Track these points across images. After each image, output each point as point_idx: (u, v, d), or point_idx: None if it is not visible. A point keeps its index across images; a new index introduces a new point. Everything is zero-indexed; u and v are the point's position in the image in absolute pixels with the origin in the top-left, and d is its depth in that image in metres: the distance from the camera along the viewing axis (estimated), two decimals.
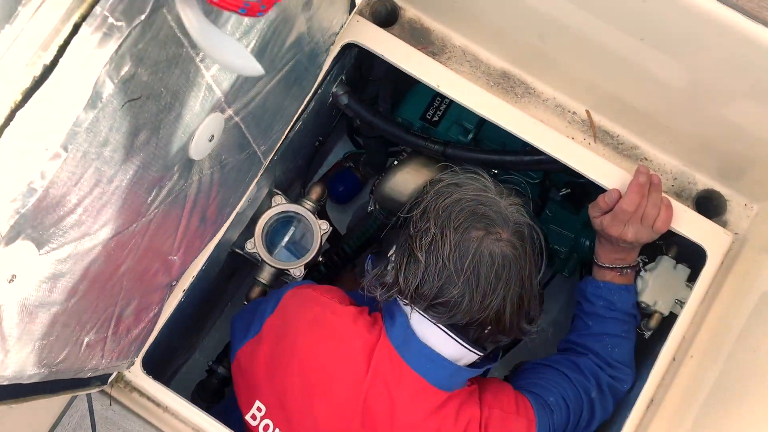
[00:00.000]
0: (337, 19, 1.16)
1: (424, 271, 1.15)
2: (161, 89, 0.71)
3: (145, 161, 0.76)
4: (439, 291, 1.14)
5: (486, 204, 1.19)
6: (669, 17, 1.08)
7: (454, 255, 1.14)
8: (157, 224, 0.88)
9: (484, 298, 1.14)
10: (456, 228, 1.16)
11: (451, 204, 1.19)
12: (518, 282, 1.16)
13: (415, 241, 1.18)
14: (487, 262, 1.14)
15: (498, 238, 1.16)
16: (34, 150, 0.59)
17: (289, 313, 1.23)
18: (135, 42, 0.62)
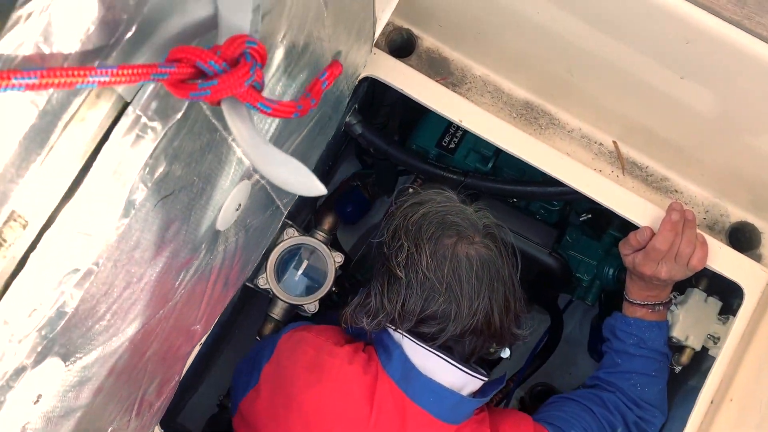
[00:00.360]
0: (360, 61, 1.10)
1: (406, 287, 1.15)
2: (194, 178, 0.65)
3: (174, 250, 0.69)
4: (424, 303, 1.14)
5: (453, 213, 1.20)
6: (700, 48, 1.02)
7: (432, 264, 1.14)
8: (183, 303, 0.82)
9: (471, 302, 1.13)
10: (428, 239, 1.17)
11: (419, 218, 1.20)
12: (500, 281, 1.17)
13: (391, 261, 1.18)
14: (466, 264, 1.14)
15: (471, 241, 1.17)
16: (62, 272, 0.53)
17: (285, 360, 1.20)
18: (170, 141, 0.56)
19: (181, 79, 0.44)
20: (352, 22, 0.92)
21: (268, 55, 0.66)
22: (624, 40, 1.09)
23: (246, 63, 0.45)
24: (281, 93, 0.76)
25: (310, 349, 1.19)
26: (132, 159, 0.54)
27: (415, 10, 1.30)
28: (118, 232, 0.56)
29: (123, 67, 0.40)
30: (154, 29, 0.48)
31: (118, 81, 0.40)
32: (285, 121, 0.82)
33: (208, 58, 0.44)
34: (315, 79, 0.56)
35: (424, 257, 1.15)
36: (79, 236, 0.53)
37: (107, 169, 0.52)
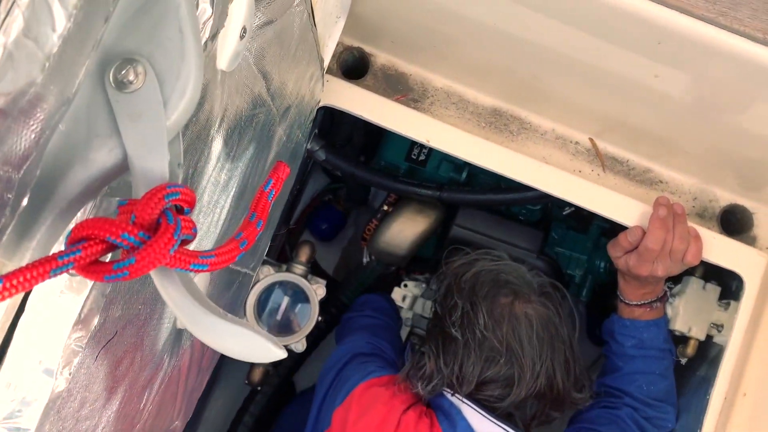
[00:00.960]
0: (312, 102, 1.01)
1: (463, 347, 1.10)
2: (139, 307, 0.57)
3: (131, 381, 0.62)
4: (484, 365, 1.09)
5: (506, 271, 1.17)
6: (673, 48, 0.95)
7: (490, 323, 1.09)
8: (154, 415, 0.74)
9: (533, 364, 1.09)
10: (484, 297, 1.12)
11: (472, 277, 1.16)
12: (560, 341, 1.13)
13: (445, 320, 1.14)
14: (525, 324, 1.10)
15: (527, 300, 1.13)
16: None
17: (355, 413, 1.14)
18: (102, 289, 0.48)
19: (91, 261, 0.36)
20: (297, 73, 0.84)
21: (205, 151, 0.58)
22: (590, 39, 1.01)
23: (168, 226, 0.37)
24: (227, 179, 0.68)
25: (382, 409, 1.12)
26: (58, 324, 0.46)
27: (363, 28, 1.21)
28: (55, 406, 0.48)
29: (10, 277, 0.32)
30: (54, 190, 0.40)
31: (8, 295, 0.32)
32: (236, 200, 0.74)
33: (120, 230, 0.36)
34: (259, 190, 0.48)
35: (480, 316, 1.10)
36: (7, 429, 0.45)
37: (29, 344, 0.44)
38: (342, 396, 1.16)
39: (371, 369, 1.20)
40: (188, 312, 0.40)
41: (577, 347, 1.16)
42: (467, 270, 1.18)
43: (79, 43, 0.36)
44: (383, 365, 1.23)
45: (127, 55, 0.40)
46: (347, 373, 1.21)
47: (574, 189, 1.21)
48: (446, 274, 1.21)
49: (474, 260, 1.21)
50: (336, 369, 1.24)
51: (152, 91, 0.40)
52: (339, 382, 1.21)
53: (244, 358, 0.42)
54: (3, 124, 0.33)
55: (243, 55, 0.61)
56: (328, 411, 1.17)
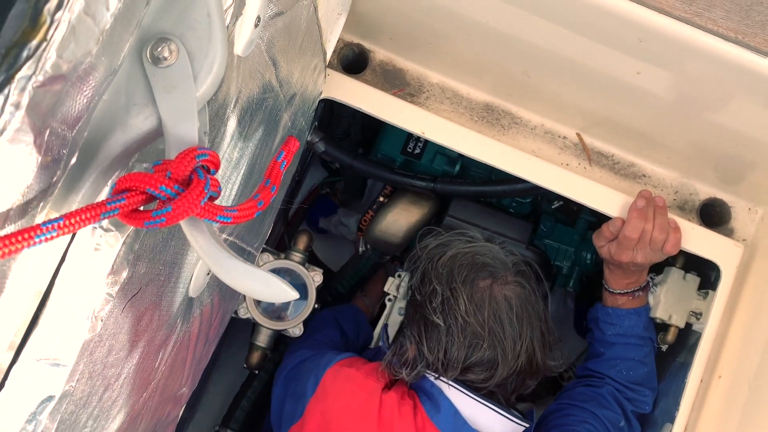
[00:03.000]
0: (315, 92, 1.07)
1: (446, 334, 1.11)
2: (160, 267, 0.63)
3: (149, 338, 0.68)
4: (468, 351, 1.11)
5: (481, 253, 1.19)
6: (653, 46, 1.01)
7: (471, 308, 1.11)
8: (166, 377, 0.80)
9: (515, 345, 1.12)
10: (463, 282, 1.14)
11: (448, 261, 1.17)
12: (536, 317, 1.16)
13: (426, 307, 1.14)
14: (505, 306, 1.12)
15: (505, 281, 1.15)
16: (36, 402, 0.51)
17: (332, 399, 1.14)
18: (130, 246, 0.54)
19: (132, 209, 0.42)
20: (303, 63, 0.90)
21: (221, 129, 0.64)
22: (576, 37, 1.08)
23: (199, 181, 0.43)
24: (239, 157, 0.74)
25: (360, 392, 1.13)
26: (93, 275, 0.52)
27: (363, 25, 1.28)
28: (89, 348, 0.54)
29: (70, 216, 0.38)
30: (98, 151, 0.46)
31: (67, 231, 0.38)
32: (246, 179, 0.80)
33: (159, 183, 0.42)
34: (273, 160, 0.54)
35: (461, 301, 1.11)
36: (48, 364, 0.51)
37: (69, 291, 0.50)
38: (311, 388, 1.16)
39: (330, 356, 1.20)
40: (215, 257, 0.46)
41: (549, 318, 1.21)
42: (443, 253, 1.18)
43: (125, 21, 0.42)
44: (337, 351, 1.24)
45: (162, 35, 0.46)
46: (304, 371, 1.21)
47: (561, 181, 1.28)
48: (421, 258, 1.21)
49: (448, 241, 1.22)
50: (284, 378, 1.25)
51: (184, 66, 0.46)
52: (297, 382, 1.21)
53: (262, 297, 0.48)
54: (63, 88, 0.39)
55: (256, 42, 0.67)
56: (295, 404, 1.17)
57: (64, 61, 0.38)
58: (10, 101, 0.36)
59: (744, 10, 0.87)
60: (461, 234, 1.24)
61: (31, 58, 0.36)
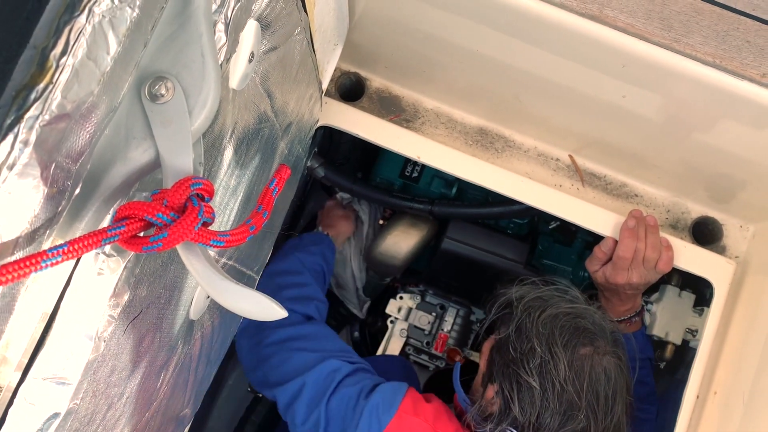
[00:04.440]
0: (312, 121, 1.11)
1: (541, 398, 1.06)
2: (160, 291, 0.66)
3: (151, 359, 0.71)
4: (562, 419, 1.06)
5: (583, 316, 1.13)
6: (636, 70, 1.05)
7: (570, 376, 1.06)
8: (168, 397, 0.83)
9: (605, 417, 1.08)
10: (564, 346, 1.09)
11: (549, 320, 1.12)
12: (625, 390, 1.12)
13: (522, 366, 1.09)
14: (603, 380, 1.08)
15: (604, 351, 1.11)
16: (42, 419, 0.54)
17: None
18: (131, 270, 0.57)
19: (131, 235, 0.45)
20: (298, 93, 0.94)
21: (218, 158, 0.67)
22: (564, 62, 1.11)
23: (193, 208, 0.46)
24: (236, 185, 0.77)
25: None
26: (96, 297, 0.55)
27: (359, 54, 1.32)
28: (93, 367, 0.57)
29: (73, 242, 0.41)
30: (100, 182, 0.49)
31: (71, 257, 0.41)
32: (244, 205, 0.84)
33: (156, 211, 0.45)
34: (265, 188, 0.58)
35: (562, 367, 1.06)
36: (54, 383, 0.54)
37: (73, 313, 0.53)
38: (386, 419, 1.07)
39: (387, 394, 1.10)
40: (208, 278, 0.49)
41: (632, 385, 1.16)
42: (543, 309, 1.13)
43: (125, 63, 0.46)
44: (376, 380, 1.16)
45: (159, 74, 0.50)
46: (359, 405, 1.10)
47: (555, 202, 1.31)
48: (517, 309, 1.15)
49: (549, 297, 1.16)
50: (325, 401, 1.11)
51: (179, 102, 0.50)
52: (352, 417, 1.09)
53: (252, 316, 0.51)
54: (68, 125, 0.42)
55: (251, 76, 0.71)
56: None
57: (68, 101, 0.41)
58: (20, 139, 0.39)
59: (720, 36, 0.90)
60: (562, 292, 1.18)
61: (38, 99, 0.40)
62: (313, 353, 1.15)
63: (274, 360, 1.16)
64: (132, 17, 0.44)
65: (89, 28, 0.41)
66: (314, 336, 1.20)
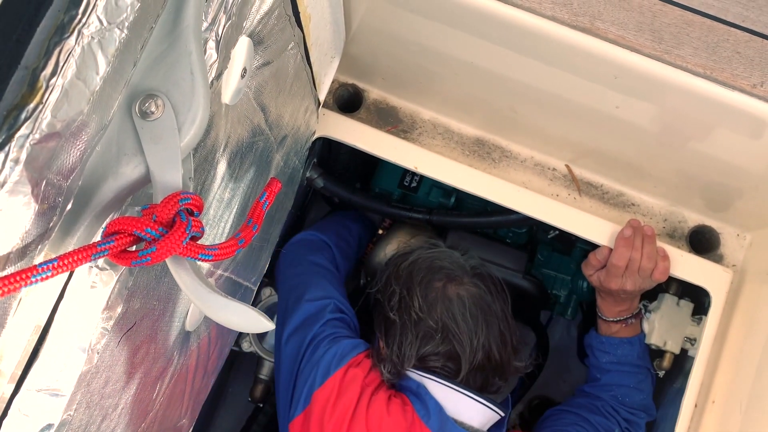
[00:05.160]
0: (308, 133, 1.12)
1: (400, 329, 1.19)
2: (154, 303, 0.67)
3: (146, 370, 0.72)
4: (420, 344, 1.17)
5: (440, 258, 1.27)
6: (628, 81, 1.06)
7: (424, 306, 1.19)
8: (165, 408, 0.83)
9: (471, 339, 1.17)
10: (419, 283, 1.22)
11: (408, 265, 1.26)
12: (493, 317, 1.22)
13: (384, 306, 1.23)
14: (458, 303, 1.19)
15: (460, 282, 1.22)
16: (36, 427, 0.55)
17: (336, 396, 1.16)
18: (124, 283, 0.58)
19: (121, 250, 0.46)
20: (293, 106, 0.95)
21: (211, 172, 0.68)
22: (558, 73, 1.12)
23: (182, 223, 0.47)
24: (230, 197, 0.78)
25: (356, 391, 1.17)
26: (89, 310, 0.56)
27: (356, 66, 1.34)
28: (86, 379, 0.58)
29: (64, 257, 0.42)
30: (91, 197, 0.50)
31: (61, 271, 0.42)
32: (238, 218, 0.85)
33: (145, 226, 0.46)
34: (255, 201, 0.59)
35: (416, 300, 1.20)
36: (48, 394, 0.55)
37: (67, 325, 0.55)
38: (321, 377, 1.19)
39: (347, 348, 1.22)
40: (197, 292, 0.50)
41: (511, 320, 1.26)
42: (405, 259, 1.28)
43: (114, 82, 0.47)
44: (351, 334, 1.27)
45: (149, 91, 0.51)
46: (322, 347, 1.22)
47: (552, 212, 1.32)
48: (387, 266, 1.32)
49: (411, 250, 1.32)
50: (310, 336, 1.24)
51: (169, 119, 0.51)
52: (314, 356, 1.21)
53: (240, 328, 0.52)
54: (58, 143, 0.44)
55: (244, 91, 0.72)
56: (303, 387, 1.19)
57: (58, 120, 0.43)
58: (10, 157, 0.40)
59: (711, 47, 0.91)
60: (425, 241, 1.35)
61: (29, 119, 0.41)
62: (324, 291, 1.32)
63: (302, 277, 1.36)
64: (121, 38, 0.45)
65: (78, 50, 0.43)
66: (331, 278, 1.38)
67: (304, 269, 1.38)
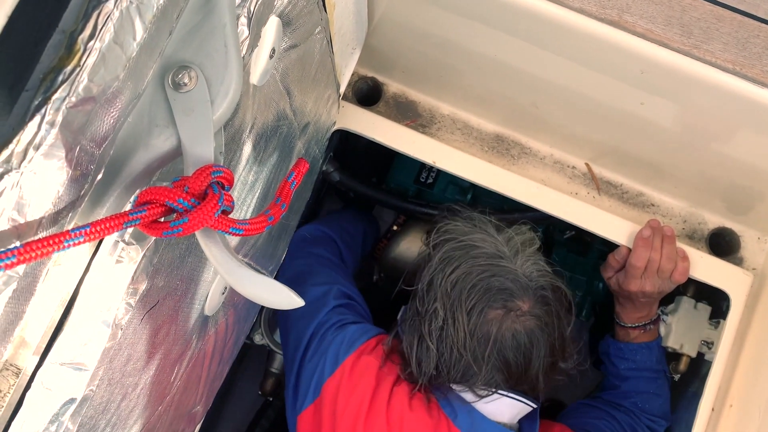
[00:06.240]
0: (329, 122, 1.12)
1: (437, 359, 1.05)
2: (177, 282, 0.66)
3: (165, 351, 0.71)
4: (459, 376, 1.06)
5: (500, 274, 1.07)
6: (654, 77, 1.04)
7: (472, 344, 1.03)
8: (181, 392, 0.83)
9: (519, 376, 1.07)
10: (470, 311, 1.04)
11: (460, 278, 1.07)
12: (548, 349, 1.08)
13: (423, 325, 1.08)
14: (511, 345, 1.04)
15: (520, 313, 1.06)
16: (58, 404, 0.54)
17: (347, 383, 1.09)
18: (150, 259, 0.58)
19: (152, 220, 0.46)
20: (317, 93, 0.94)
21: (237, 153, 0.68)
22: (581, 69, 1.11)
23: (214, 195, 0.46)
24: (253, 181, 0.78)
25: (373, 380, 1.09)
26: (114, 285, 0.55)
27: (376, 59, 1.33)
28: (109, 355, 0.57)
29: (96, 224, 0.42)
30: (122, 168, 0.50)
31: (93, 238, 0.42)
32: (261, 201, 0.84)
33: (177, 196, 0.45)
34: (284, 180, 0.58)
35: (461, 332, 1.03)
36: (71, 368, 0.54)
37: (92, 299, 0.54)
38: (331, 366, 1.11)
39: (355, 334, 1.15)
40: (227, 265, 0.49)
41: (567, 338, 1.13)
42: (457, 265, 1.08)
43: (150, 50, 0.46)
44: (359, 319, 1.19)
45: (183, 63, 0.51)
46: (329, 335, 1.15)
47: (570, 210, 1.30)
48: (432, 259, 1.12)
49: (467, 246, 1.11)
50: (315, 324, 1.16)
51: (202, 92, 0.51)
52: (322, 345, 1.14)
53: (270, 304, 0.52)
54: (93, 108, 0.43)
55: (271, 73, 0.71)
56: (311, 378, 1.12)
57: (94, 84, 0.42)
58: (46, 120, 0.40)
59: (741, 43, 0.90)
60: (484, 240, 1.12)
61: (66, 81, 0.41)
62: (328, 277, 1.25)
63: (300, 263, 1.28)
64: (159, 4, 0.45)
65: (117, 14, 0.42)
66: (336, 268, 1.32)
67: (306, 260, 1.28)
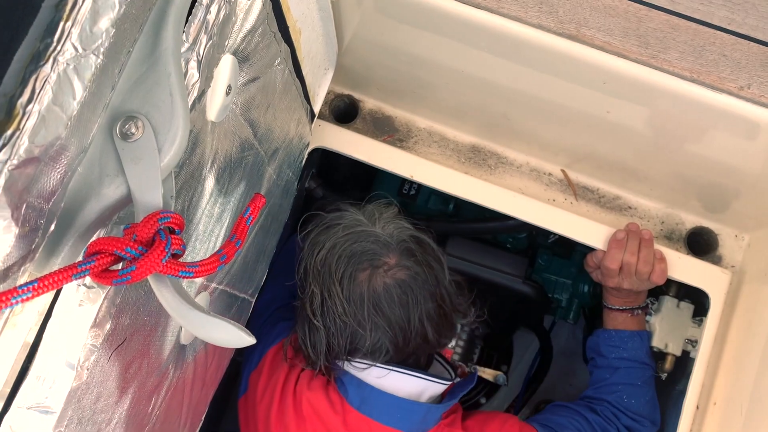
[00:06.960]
0: (301, 145, 1.14)
1: (326, 335, 1.10)
2: (144, 318, 0.68)
3: (139, 384, 0.73)
4: (350, 344, 1.09)
5: (361, 239, 1.11)
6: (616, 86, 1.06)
7: (350, 308, 1.08)
8: (162, 422, 0.85)
9: (404, 331, 1.09)
10: (340, 279, 1.08)
11: (326, 255, 1.11)
12: (427, 297, 1.10)
13: (306, 308, 1.12)
14: (385, 297, 1.07)
15: (387, 268, 1.09)
16: None
17: (267, 376, 1.19)
18: (112, 300, 0.59)
19: (102, 269, 0.47)
20: (282, 120, 0.96)
21: (198, 188, 0.70)
22: (549, 79, 1.13)
23: (161, 241, 0.48)
24: (220, 212, 0.80)
25: (286, 369, 1.17)
26: (77, 328, 0.57)
27: (351, 77, 1.35)
28: (76, 395, 0.59)
29: (44, 279, 0.44)
30: (75, 218, 0.52)
31: (42, 292, 0.44)
32: (228, 233, 0.86)
33: (125, 245, 0.47)
34: (239, 217, 0.60)
35: (338, 302, 1.08)
36: (38, 411, 0.56)
37: (55, 343, 0.56)
38: (256, 358, 1.21)
39: (280, 329, 1.23)
40: (178, 309, 0.51)
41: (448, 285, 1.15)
42: (322, 245, 1.12)
43: (92, 106, 0.48)
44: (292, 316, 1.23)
45: (129, 113, 0.53)
46: (265, 328, 1.25)
47: (549, 217, 1.32)
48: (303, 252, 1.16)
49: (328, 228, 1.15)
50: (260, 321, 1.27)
51: (149, 140, 0.52)
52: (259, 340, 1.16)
53: (221, 343, 0.53)
54: (37, 168, 0.45)
55: (230, 107, 0.73)
56: (244, 372, 1.21)
57: (35, 145, 0.44)
58: None
59: (697, 51, 0.92)
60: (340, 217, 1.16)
61: (6, 145, 0.42)
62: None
63: None
64: (97, 64, 0.46)
65: (54, 76, 0.44)
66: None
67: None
